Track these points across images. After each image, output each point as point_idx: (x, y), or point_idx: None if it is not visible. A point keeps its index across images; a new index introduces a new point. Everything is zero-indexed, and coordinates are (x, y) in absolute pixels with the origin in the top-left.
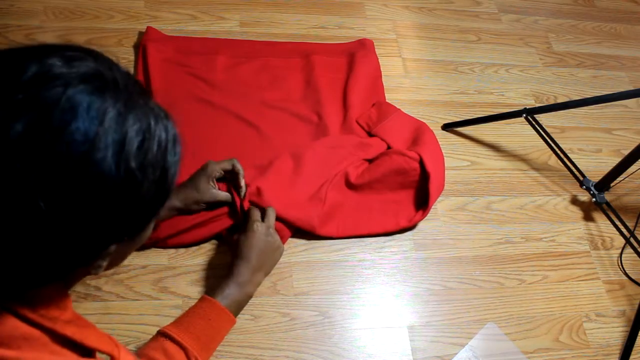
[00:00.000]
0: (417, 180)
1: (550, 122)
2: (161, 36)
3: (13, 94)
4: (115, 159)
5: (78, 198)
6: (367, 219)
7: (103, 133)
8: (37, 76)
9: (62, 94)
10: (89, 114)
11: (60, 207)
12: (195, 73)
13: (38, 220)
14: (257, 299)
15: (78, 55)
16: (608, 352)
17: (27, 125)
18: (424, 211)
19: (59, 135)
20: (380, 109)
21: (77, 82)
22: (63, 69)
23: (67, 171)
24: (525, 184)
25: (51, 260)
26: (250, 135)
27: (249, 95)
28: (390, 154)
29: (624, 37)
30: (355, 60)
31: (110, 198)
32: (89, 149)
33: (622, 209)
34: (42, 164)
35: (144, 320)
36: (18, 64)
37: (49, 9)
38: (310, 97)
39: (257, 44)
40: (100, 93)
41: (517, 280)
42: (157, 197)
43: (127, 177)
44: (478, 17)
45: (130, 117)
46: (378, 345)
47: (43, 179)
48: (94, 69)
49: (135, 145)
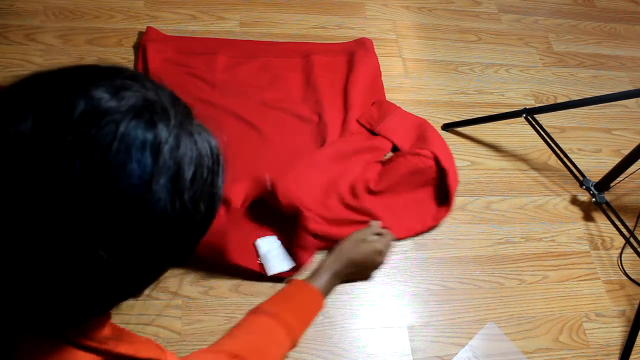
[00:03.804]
0: (434, 178)
1: (550, 122)
2: (161, 36)
3: (63, 135)
4: (170, 197)
5: (135, 241)
6: (397, 224)
7: (158, 173)
8: (85, 114)
9: (114, 134)
10: (143, 153)
11: (118, 253)
12: (195, 73)
13: (98, 267)
14: (257, 299)
15: (125, 85)
16: (608, 352)
17: (81, 170)
18: (447, 207)
19: (116, 180)
20: (380, 108)
21: (129, 118)
22: (112, 103)
23: (124, 216)
24: (525, 184)
25: (110, 297)
26: (250, 135)
27: (248, 95)
28: (404, 156)
29: (624, 37)
30: (354, 59)
31: (165, 236)
32: (145, 191)
33: (622, 209)
34: (100, 211)
35: (144, 320)
36: (65, 100)
37: (49, 9)
38: (310, 97)
39: (256, 44)
40: (152, 127)
41: (517, 280)
42: (206, 221)
43: (182, 213)
44: (478, 17)
45: (182, 148)
46: (378, 345)
47: (101, 226)
48: (142, 98)
49: (189, 179)
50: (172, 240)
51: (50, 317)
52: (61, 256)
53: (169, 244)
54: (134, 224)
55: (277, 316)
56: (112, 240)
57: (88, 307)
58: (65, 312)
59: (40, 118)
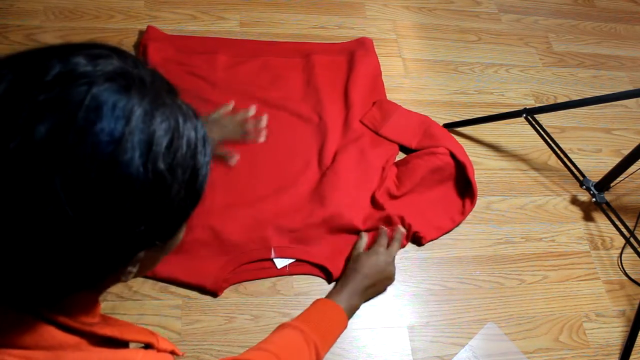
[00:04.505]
0: (452, 173)
1: (550, 122)
2: (162, 35)
3: (36, 94)
4: (143, 160)
5: (105, 202)
6: (426, 225)
7: (129, 133)
8: (60, 75)
9: (86, 93)
10: (114, 113)
11: (87, 212)
12: (195, 72)
13: (65, 226)
14: (257, 299)
15: (103, 53)
16: (608, 352)
17: (50, 126)
18: (472, 200)
19: (84, 136)
20: (382, 108)
21: (102, 80)
22: (87, 68)
23: (93, 174)
24: (525, 184)
25: (80, 267)
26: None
27: (249, 95)
28: (421, 156)
29: (624, 37)
30: (355, 59)
31: (138, 201)
32: (115, 149)
33: (622, 209)
34: (68, 167)
35: (144, 320)
36: (41, 63)
37: (49, 9)
38: (311, 97)
39: (257, 43)
40: (126, 91)
41: (517, 280)
42: (187, 199)
43: (156, 179)
44: (478, 17)
45: (157, 115)
46: (378, 345)
47: (69, 184)
48: (119, 67)
49: (164, 145)
50: (145, 208)
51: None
52: (27, 213)
53: (141, 212)
54: (102, 182)
55: (305, 334)
56: (79, 196)
57: (62, 276)
58: (37, 280)
59: (16, 80)
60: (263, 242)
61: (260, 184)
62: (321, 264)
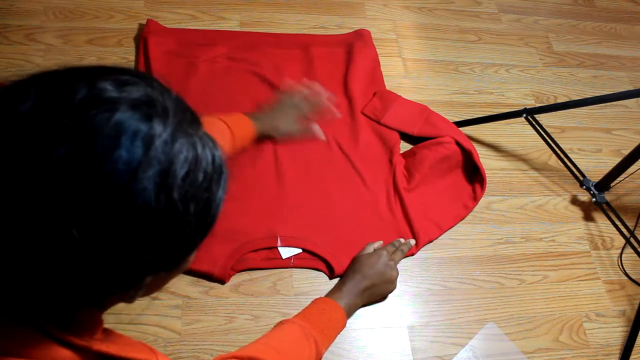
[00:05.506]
0: (460, 160)
1: (550, 122)
2: (161, 28)
3: (59, 117)
4: (157, 190)
5: (113, 229)
6: (441, 214)
7: (147, 163)
8: (86, 100)
9: (108, 119)
10: (133, 142)
11: (93, 236)
12: (195, 63)
13: (69, 247)
14: (257, 299)
15: (130, 80)
16: (608, 352)
17: (70, 149)
18: (482, 184)
19: (101, 163)
20: (382, 98)
21: (126, 108)
22: (113, 94)
23: (104, 200)
24: (525, 184)
25: (82, 287)
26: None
27: (249, 86)
28: (428, 147)
29: (624, 37)
30: (353, 50)
31: (147, 230)
32: (130, 178)
33: (622, 209)
34: (80, 191)
35: (144, 320)
36: (69, 86)
37: (49, 9)
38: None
39: (256, 35)
40: (148, 120)
41: (517, 280)
42: (198, 230)
43: (168, 210)
44: (478, 17)
45: (176, 146)
46: (378, 345)
47: (79, 206)
48: (144, 94)
49: (180, 176)
50: (154, 235)
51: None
52: (35, 232)
53: (150, 239)
54: (112, 209)
55: (305, 329)
56: (87, 220)
57: (66, 295)
58: (41, 298)
59: (42, 100)
60: (270, 231)
61: (269, 174)
62: (325, 257)
